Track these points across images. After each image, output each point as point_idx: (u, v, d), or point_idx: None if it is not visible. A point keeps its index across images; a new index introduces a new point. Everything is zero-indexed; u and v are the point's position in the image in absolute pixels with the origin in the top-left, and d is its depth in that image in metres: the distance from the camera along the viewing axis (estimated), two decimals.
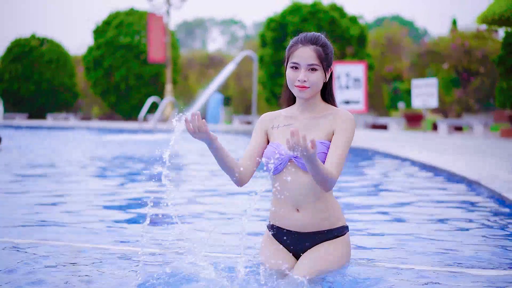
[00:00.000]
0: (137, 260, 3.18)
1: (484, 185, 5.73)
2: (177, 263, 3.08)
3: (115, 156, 10.31)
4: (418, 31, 59.19)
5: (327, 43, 2.82)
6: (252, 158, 2.86)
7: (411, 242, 3.74)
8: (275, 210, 2.87)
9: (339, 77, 12.25)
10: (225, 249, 3.47)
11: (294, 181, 2.77)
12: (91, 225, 4.23)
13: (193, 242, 2.94)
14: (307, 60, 2.75)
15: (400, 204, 5.33)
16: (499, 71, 14.19)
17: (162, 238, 3.77)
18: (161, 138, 15.71)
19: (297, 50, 2.77)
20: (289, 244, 2.86)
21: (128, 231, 4.07)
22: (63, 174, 7.53)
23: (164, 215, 4.75)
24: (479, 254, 3.43)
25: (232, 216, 4.68)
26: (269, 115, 2.96)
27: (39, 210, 4.84)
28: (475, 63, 21.38)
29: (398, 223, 4.43)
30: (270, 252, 2.87)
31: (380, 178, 7.40)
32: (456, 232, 4.07)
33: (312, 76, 2.76)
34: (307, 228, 2.81)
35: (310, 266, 2.74)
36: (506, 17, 12.49)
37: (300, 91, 2.78)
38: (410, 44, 26.45)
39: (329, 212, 2.82)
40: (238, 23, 76.96)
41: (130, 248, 3.46)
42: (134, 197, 5.71)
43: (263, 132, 2.91)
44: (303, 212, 2.79)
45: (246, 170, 2.84)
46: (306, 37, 2.80)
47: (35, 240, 3.65)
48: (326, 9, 21.77)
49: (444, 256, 3.37)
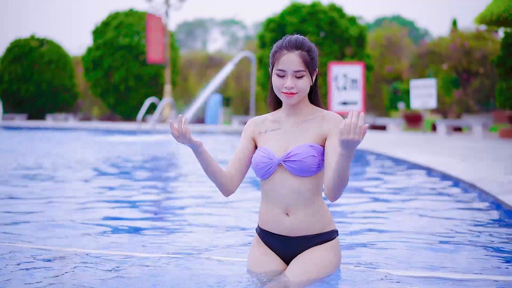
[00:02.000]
0: (123, 264, 3.15)
1: (479, 187, 5.69)
2: (166, 266, 3.06)
3: (109, 158, 10.27)
4: (418, 31, 59.13)
5: (312, 47, 2.78)
6: (239, 166, 2.85)
7: (403, 247, 3.70)
8: (264, 214, 2.85)
9: (337, 78, 12.21)
10: (212, 252, 3.45)
11: (283, 185, 2.75)
12: (80, 228, 4.19)
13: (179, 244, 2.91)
14: (293, 67, 2.71)
15: (392, 207, 5.29)
16: (498, 72, 14.14)
17: (151, 241, 3.75)
18: (159, 139, 15.69)
19: (283, 56, 2.73)
20: (278, 249, 2.84)
21: (121, 235, 4.03)
22: (54, 176, 7.50)
23: (158, 219, 4.72)
24: (471, 258, 3.39)
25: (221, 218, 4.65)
26: (255, 121, 2.93)
27: (30, 212, 4.81)
28: (475, 64, 21.33)
29: (390, 227, 4.39)
30: (259, 256, 2.85)
31: (373, 180, 7.36)
32: (449, 236, 4.03)
33: (299, 82, 2.73)
34: (296, 233, 2.79)
35: (299, 272, 2.72)
36: (504, 17, 12.44)
37: (287, 98, 2.75)
38: (410, 44, 26.40)
39: (319, 216, 2.80)
40: (239, 23, 76.91)
41: (121, 253, 3.42)
42: (126, 200, 5.67)
43: (250, 138, 2.90)
44: (292, 216, 2.77)
45: (235, 178, 2.83)
46: (291, 42, 2.75)
47: (22, 243, 3.62)
48: (325, 9, 21.72)
49: (436, 261, 3.33)
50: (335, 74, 12.20)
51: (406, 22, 56.40)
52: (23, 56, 29.44)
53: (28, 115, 29.39)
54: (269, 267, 2.81)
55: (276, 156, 2.76)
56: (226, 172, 2.81)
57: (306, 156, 2.71)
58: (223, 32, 77.36)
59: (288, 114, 2.86)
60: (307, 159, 2.70)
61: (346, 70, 12.24)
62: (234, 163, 2.85)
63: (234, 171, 2.83)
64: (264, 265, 2.81)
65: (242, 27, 76.95)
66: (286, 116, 2.86)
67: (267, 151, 2.79)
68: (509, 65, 13.66)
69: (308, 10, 21.63)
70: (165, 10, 25.23)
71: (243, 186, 5.93)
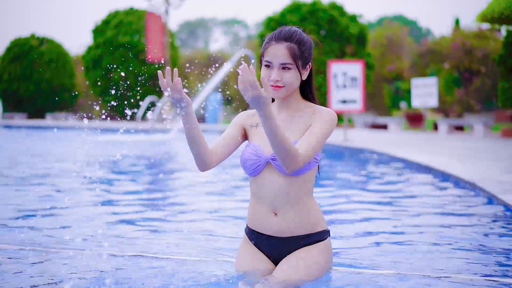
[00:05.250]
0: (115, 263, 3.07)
1: (479, 186, 5.60)
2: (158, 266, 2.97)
3: (106, 157, 10.20)
4: (421, 30, 59.03)
5: (303, 39, 2.66)
6: (224, 147, 2.71)
7: (398, 247, 3.61)
8: (253, 213, 2.76)
9: (336, 76, 12.09)
10: (199, 252, 3.38)
11: (272, 184, 2.66)
12: (77, 228, 4.12)
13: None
14: (279, 59, 2.61)
15: (389, 207, 5.19)
16: (500, 71, 14.04)
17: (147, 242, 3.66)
18: (158, 138, 15.63)
19: (270, 47, 2.64)
20: (267, 249, 2.75)
21: (118, 235, 3.94)
22: (53, 177, 7.43)
23: (152, 219, 4.64)
24: (469, 259, 3.31)
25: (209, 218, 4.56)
26: (246, 113, 2.84)
27: (25, 213, 4.72)
28: (477, 63, 21.22)
29: (386, 227, 4.28)
30: (247, 257, 2.77)
31: (370, 179, 7.30)
32: (447, 236, 3.94)
33: (285, 75, 2.63)
34: (285, 233, 2.70)
35: (288, 273, 2.64)
36: (506, 15, 12.34)
37: (274, 91, 2.64)
38: (411, 43, 26.32)
39: (309, 216, 2.70)
40: (241, 22, 76.89)
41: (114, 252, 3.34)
42: (124, 199, 5.59)
43: (240, 125, 2.79)
44: (281, 216, 2.68)
45: (214, 155, 2.67)
46: (280, 34, 2.65)
47: (13, 245, 3.54)
48: (325, 7, 21.65)
49: (433, 261, 3.24)
50: (334, 72, 12.08)
51: (408, 21, 56.32)
52: (23, 55, 29.40)
53: (28, 114, 29.35)
54: (257, 268, 2.72)
55: (264, 153, 2.68)
56: (210, 147, 2.67)
57: None
58: (225, 32, 77.35)
59: (279, 108, 2.76)
60: None
61: (345, 68, 12.12)
62: (217, 145, 2.71)
63: (214, 150, 2.68)
64: (252, 266, 2.74)
65: (244, 26, 76.93)
66: (276, 110, 2.76)
67: (256, 148, 2.70)
68: (510, 64, 13.56)
69: (308, 8, 21.57)
70: (165, 8, 25.16)
71: (244, 185, 5.86)
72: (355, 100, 12.05)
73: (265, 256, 2.76)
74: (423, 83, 15.91)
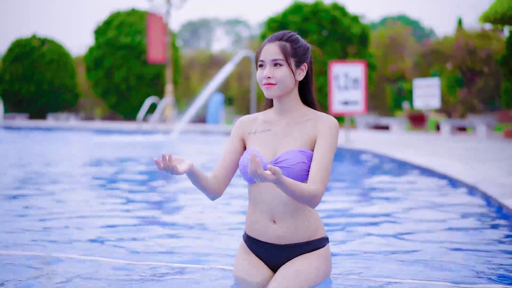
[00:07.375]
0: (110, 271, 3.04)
1: (481, 189, 5.54)
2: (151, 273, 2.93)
3: (107, 158, 10.17)
4: (424, 30, 58.94)
5: (297, 39, 2.68)
6: (225, 171, 2.73)
7: (398, 253, 3.55)
8: (251, 220, 2.73)
9: (338, 78, 12.04)
10: (194, 258, 3.35)
11: (270, 191, 2.63)
12: (76, 233, 4.09)
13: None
14: (271, 56, 2.63)
15: (389, 211, 5.12)
16: (503, 72, 13.98)
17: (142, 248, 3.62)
18: (159, 139, 15.60)
19: (263, 48, 2.67)
20: (265, 257, 2.72)
21: (116, 240, 3.91)
22: (52, 177, 7.40)
23: (153, 222, 4.60)
24: (469, 266, 3.26)
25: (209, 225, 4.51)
26: (245, 120, 2.81)
27: (23, 218, 4.68)
28: (480, 63, 21.15)
29: (386, 231, 4.23)
30: (246, 265, 2.74)
31: (369, 182, 7.24)
32: (448, 241, 3.89)
33: (277, 71, 2.62)
34: (283, 240, 2.67)
35: (287, 281, 2.60)
36: (509, 15, 12.27)
37: (266, 89, 2.64)
38: (414, 43, 26.27)
39: (307, 223, 2.67)
40: (243, 23, 76.88)
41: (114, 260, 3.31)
42: (124, 201, 5.56)
43: (239, 138, 2.77)
44: (280, 223, 2.65)
45: (221, 182, 2.71)
46: (274, 35, 2.70)
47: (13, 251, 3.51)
48: (327, 8, 21.61)
49: (434, 267, 3.20)
50: (336, 73, 12.02)
51: (411, 21, 56.22)
52: (24, 55, 29.43)
53: (29, 115, 29.36)
54: (255, 275, 2.70)
55: (264, 160, 2.64)
56: (213, 176, 2.70)
57: (295, 162, 2.59)
58: (227, 32, 77.35)
59: (279, 114, 2.73)
60: (296, 166, 2.58)
61: (347, 69, 12.06)
62: (221, 168, 2.74)
63: (220, 177, 2.72)
64: (251, 274, 2.71)
65: (246, 26, 76.91)
66: (277, 116, 2.73)
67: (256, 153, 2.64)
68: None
69: (310, 9, 21.53)
70: (167, 9, 25.13)
71: (242, 192, 5.82)
72: (356, 102, 12.00)
73: (264, 263, 2.73)
74: (425, 84, 15.84)
